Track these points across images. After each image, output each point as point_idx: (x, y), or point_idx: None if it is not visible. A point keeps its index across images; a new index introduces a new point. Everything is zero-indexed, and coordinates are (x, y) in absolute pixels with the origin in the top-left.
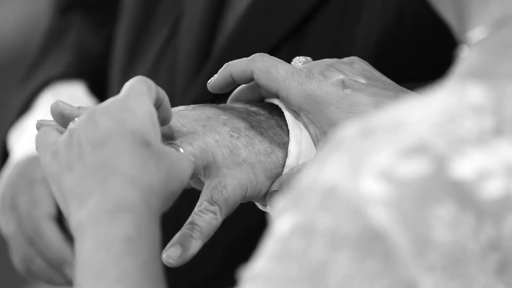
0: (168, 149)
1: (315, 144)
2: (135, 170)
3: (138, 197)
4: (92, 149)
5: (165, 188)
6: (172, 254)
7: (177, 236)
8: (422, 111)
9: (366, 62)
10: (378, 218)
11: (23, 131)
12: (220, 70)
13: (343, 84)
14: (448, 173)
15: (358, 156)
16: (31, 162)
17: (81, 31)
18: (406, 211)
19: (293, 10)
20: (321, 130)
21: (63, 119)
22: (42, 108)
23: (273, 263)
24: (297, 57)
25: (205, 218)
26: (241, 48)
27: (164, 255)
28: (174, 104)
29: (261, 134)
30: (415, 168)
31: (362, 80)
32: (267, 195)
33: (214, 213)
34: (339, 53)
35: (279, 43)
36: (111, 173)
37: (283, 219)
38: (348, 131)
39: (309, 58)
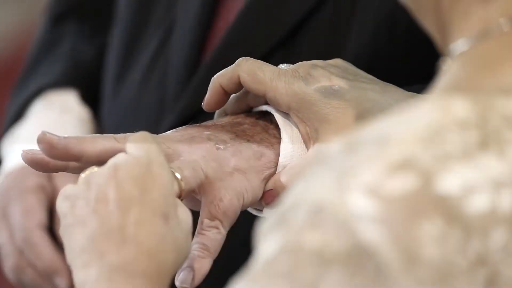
0: (179, 224)
1: (306, 142)
2: (152, 243)
3: (154, 269)
4: (111, 209)
5: (175, 265)
6: (185, 278)
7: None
8: (407, 126)
9: (351, 64)
10: (367, 234)
11: (15, 139)
12: (209, 86)
13: (330, 81)
14: (435, 188)
15: (345, 172)
16: (24, 171)
17: (74, 40)
18: (394, 227)
19: (284, 19)
20: (312, 127)
21: (51, 149)
22: (35, 117)
23: (261, 283)
24: (281, 64)
25: (209, 236)
26: (232, 56)
27: (177, 282)
28: (164, 111)
29: (248, 140)
30: (402, 183)
31: (349, 77)
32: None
33: (216, 227)
34: None
35: (270, 52)
36: (129, 240)
37: (268, 241)
38: (333, 148)
39: (291, 65)
